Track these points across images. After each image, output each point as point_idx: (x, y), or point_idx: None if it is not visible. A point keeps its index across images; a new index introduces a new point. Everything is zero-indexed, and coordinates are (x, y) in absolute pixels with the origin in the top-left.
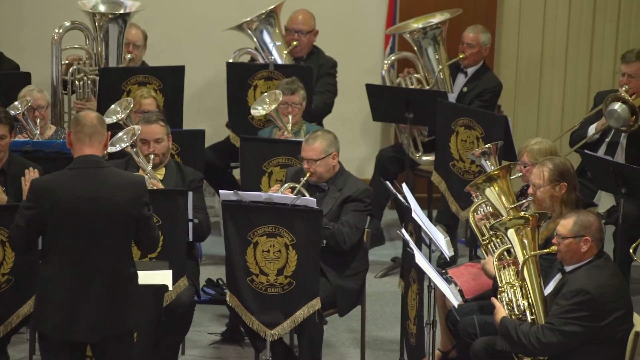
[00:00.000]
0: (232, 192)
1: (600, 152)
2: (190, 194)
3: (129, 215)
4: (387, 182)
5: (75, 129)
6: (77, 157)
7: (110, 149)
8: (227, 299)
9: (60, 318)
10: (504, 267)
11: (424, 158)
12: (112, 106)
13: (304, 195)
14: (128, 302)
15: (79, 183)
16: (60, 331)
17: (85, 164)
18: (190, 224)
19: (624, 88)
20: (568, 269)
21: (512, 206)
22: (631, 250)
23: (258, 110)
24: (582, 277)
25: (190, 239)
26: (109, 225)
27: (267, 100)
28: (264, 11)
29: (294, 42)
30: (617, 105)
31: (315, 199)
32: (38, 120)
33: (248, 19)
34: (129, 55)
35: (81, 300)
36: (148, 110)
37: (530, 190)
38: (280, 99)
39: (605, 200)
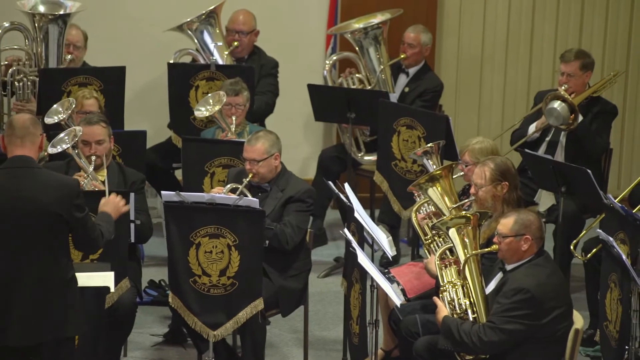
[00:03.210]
0: (174, 193)
1: (541, 151)
2: (132, 195)
3: (56, 216)
4: (330, 182)
5: (8, 132)
6: (8, 158)
7: (51, 150)
8: (170, 300)
9: None
10: (446, 267)
11: (366, 158)
12: (54, 106)
13: (247, 196)
14: (66, 307)
15: (6, 183)
16: None
17: (13, 164)
18: (132, 226)
19: (563, 87)
20: (509, 267)
21: (454, 206)
22: (572, 247)
23: (202, 112)
24: (523, 276)
25: (132, 240)
26: (35, 225)
27: (211, 101)
28: (204, 12)
29: (235, 43)
30: (557, 104)
31: (257, 200)
32: None
33: (188, 20)
34: (69, 56)
35: (10, 303)
36: (90, 110)
37: (472, 190)
38: (224, 100)
39: (545, 199)
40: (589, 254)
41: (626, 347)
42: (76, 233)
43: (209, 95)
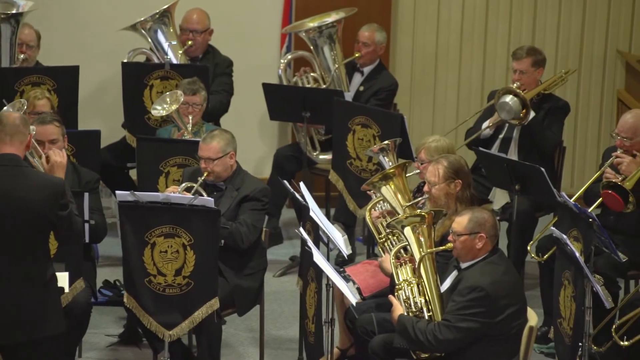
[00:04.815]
0: (128, 192)
1: (494, 148)
2: (87, 195)
3: (42, 216)
4: (285, 181)
5: None
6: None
7: None
8: (125, 300)
9: None
10: (401, 265)
11: (321, 157)
12: (5, 107)
13: (202, 195)
14: (46, 306)
15: (1, 181)
16: None
17: (4, 162)
18: (87, 225)
19: (515, 85)
20: (463, 265)
21: (408, 204)
22: (528, 247)
23: (158, 111)
24: (477, 274)
25: (87, 240)
26: (23, 224)
27: (168, 100)
28: (157, 11)
29: (189, 42)
30: (509, 98)
31: (212, 199)
32: None
33: (142, 19)
34: (22, 56)
35: None
36: (42, 111)
37: (425, 188)
38: (182, 99)
39: (499, 197)
40: (546, 255)
41: (580, 343)
42: (61, 230)
43: (166, 94)
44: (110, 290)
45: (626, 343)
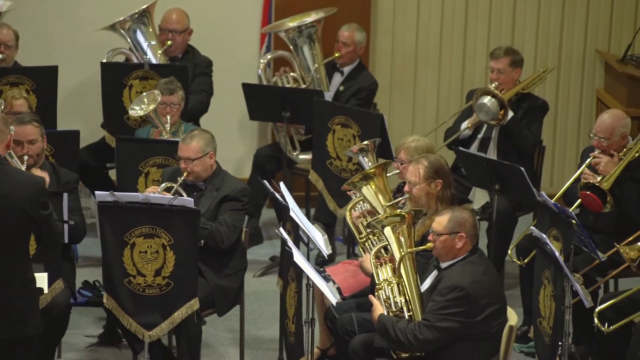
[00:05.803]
0: (108, 193)
1: (473, 148)
2: (66, 195)
3: (25, 214)
4: (265, 181)
5: None
6: None
7: None
8: (104, 300)
9: None
10: (381, 265)
11: (301, 157)
12: None
13: (181, 195)
14: (25, 306)
15: None
16: None
17: None
18: (66, 226)
19: (493, 84)
20: (443, 265)
21: (389, 204)
22: (509, 252)
23: (136, 111)
24: (457, 274)
25: (66, 240)
26: (5, 222)
27: (146, 100)
28: (137, 11)
29: (168, 42)
30: (487, 99)
31: (192, 199)
32: None
33: (121, 19)
34: (0, 56)
35: None
36: (19, 111)
37: (406, 188)
38: (159, 99)
39: (479, 197)
40: (526, 259)
41: (559, 343)
42: (41, 230)
43: (144, 94)
44: (89, 291)
45: (609, 329)
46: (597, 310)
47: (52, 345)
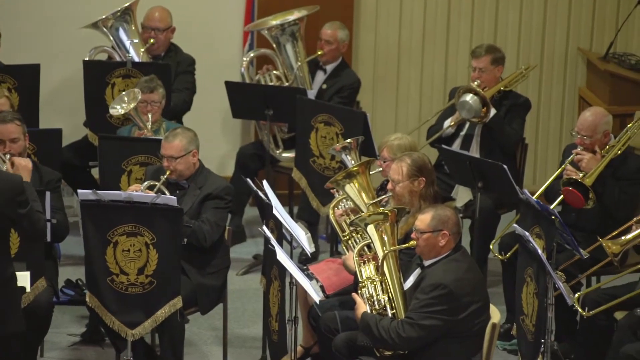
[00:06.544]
0: (90, 191)
1: (456, 145)
2: (48, 194)
3: (3, 215)
4: (248, 179)
5: None
6: None
7: None
8: (87, 299)
9: None
10: (365, 263)
11: (285, 155)
12: None
13: (164, 194)
14: (5, 305)
15: None
16: None
17: None
18: (49, 225)
19: (475, 83)
20: (427, 263)
21: (372, 202)
22: (491, 246)
23: (117, 110)
24: (440, 272)
25: (49, 239)
26: None
27: (126, 99)
28: (119, 9)
29: (151, 40)
30: (469, 97)
31: (175, 197)
32: None
33: (103, 17)
34: None
35: None
36: (1, 110)
37: (389, 186)
38: (140, 97)
39: (462, 194)
40: (508, 254)
41: (542, 340)
42: (22, 227)
43: (124, 93)
44: (72, 290)
45: (589, 313)
46: (577, 295)
47: (34, 343)
